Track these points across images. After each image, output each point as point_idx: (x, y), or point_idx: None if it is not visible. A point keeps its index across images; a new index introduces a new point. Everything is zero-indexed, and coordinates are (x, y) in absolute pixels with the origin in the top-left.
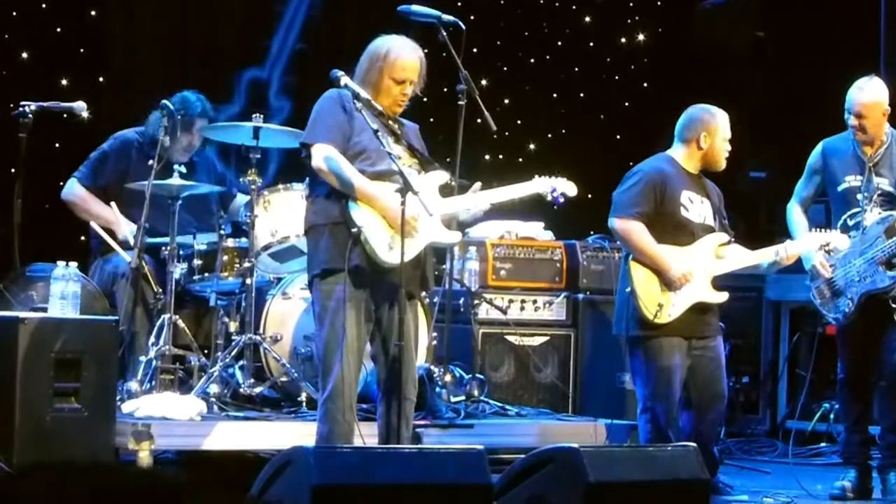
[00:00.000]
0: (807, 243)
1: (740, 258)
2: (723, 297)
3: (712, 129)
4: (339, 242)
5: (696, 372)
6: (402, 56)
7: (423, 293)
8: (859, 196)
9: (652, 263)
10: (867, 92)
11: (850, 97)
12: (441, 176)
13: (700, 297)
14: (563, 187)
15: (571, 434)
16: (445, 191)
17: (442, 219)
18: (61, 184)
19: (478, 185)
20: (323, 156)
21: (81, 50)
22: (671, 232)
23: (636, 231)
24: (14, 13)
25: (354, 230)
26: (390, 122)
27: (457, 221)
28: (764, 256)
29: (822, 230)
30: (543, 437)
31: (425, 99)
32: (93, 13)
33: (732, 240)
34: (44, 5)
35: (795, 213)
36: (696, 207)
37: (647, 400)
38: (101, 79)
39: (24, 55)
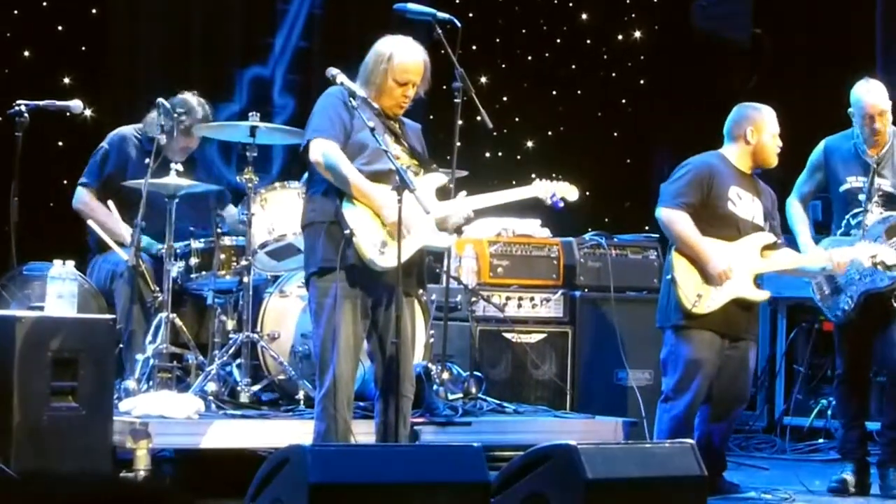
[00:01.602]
0: (857, 252)
1: (788, 259)
2: (764, 295)
3: (759, 125)
4: (336, 240)
5: (722, 370)
6: (405, 58)
7: (420, 291)
8: (861, 197)
9: (693, 255)
10: (877, 93)
11: (861, 100)
12: (439, 178)
13: (740, 293)
14: (563, 192)
15: (574, 431)
16: (443, 193)
17: (437, 221)
18: (66, 182)
19: (463, 193)
20: (321, 150)
21: (83, 48)
22: (716, 225)
23: (680, 221)
24: (15, 11)
25: (346, 232)
26: (391, 122)
27: (452, 225)
28: (814, 261)
29: (869, 242)
30: (547, 434)
31: (423, 95)
32: (94, 11)
33: (780, 241)
34: (45, 3)
35: (795, 209)
36: (746, 204)
37: (670, 390)
38: (102, 77)
39: (26, 53)
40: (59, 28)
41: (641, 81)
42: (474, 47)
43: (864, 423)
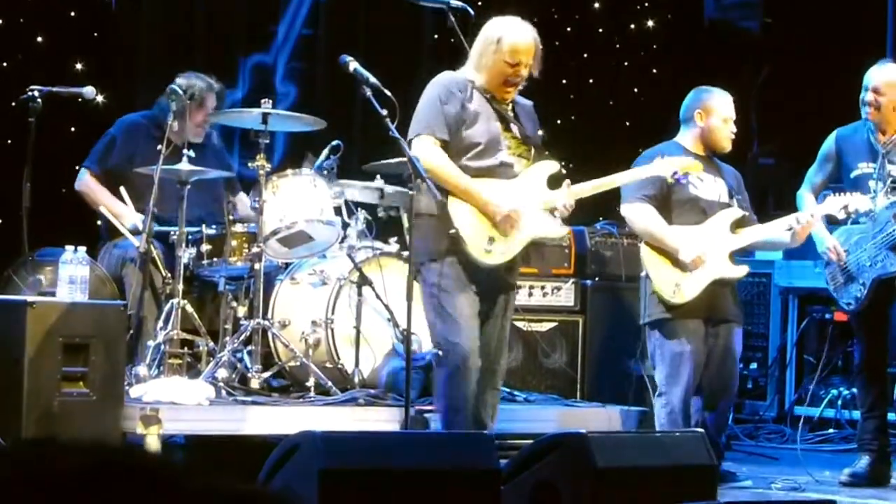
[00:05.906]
0: (826, 207)
1: (757, 231)
2: (742, 270)
3: (708, 107)
4: (442, 235)
5: (708, 361)
6: (516, 38)
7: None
8: (871, 183)
9: (662, 245)
10: (887, 71)
11: (868, 76)
12: (551, 166)
13: (718, 274)
14: (687, 166)
15: (585, 420)
16: (556, 182)
17: (548, 210)
18: (77, 168)
19: (567, 181)
20: (423, 151)
21: (95, 34)
22: (682, 211)
23: (644, 213)
24: None
25: (451, 232)
26: (502, 106)
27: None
28: (781, 226)
29: (841, 194)
30: (558, 422)
31: (536, 75)
32: None
33: (749, 216)
34: None
35: (807, 200)
36: (709, 185)
37: (662, 385)
38: (114, 62)
39: (39, 39)
40: (72, 14)
41: (654, 71)
42: None
43: (885, 413)
